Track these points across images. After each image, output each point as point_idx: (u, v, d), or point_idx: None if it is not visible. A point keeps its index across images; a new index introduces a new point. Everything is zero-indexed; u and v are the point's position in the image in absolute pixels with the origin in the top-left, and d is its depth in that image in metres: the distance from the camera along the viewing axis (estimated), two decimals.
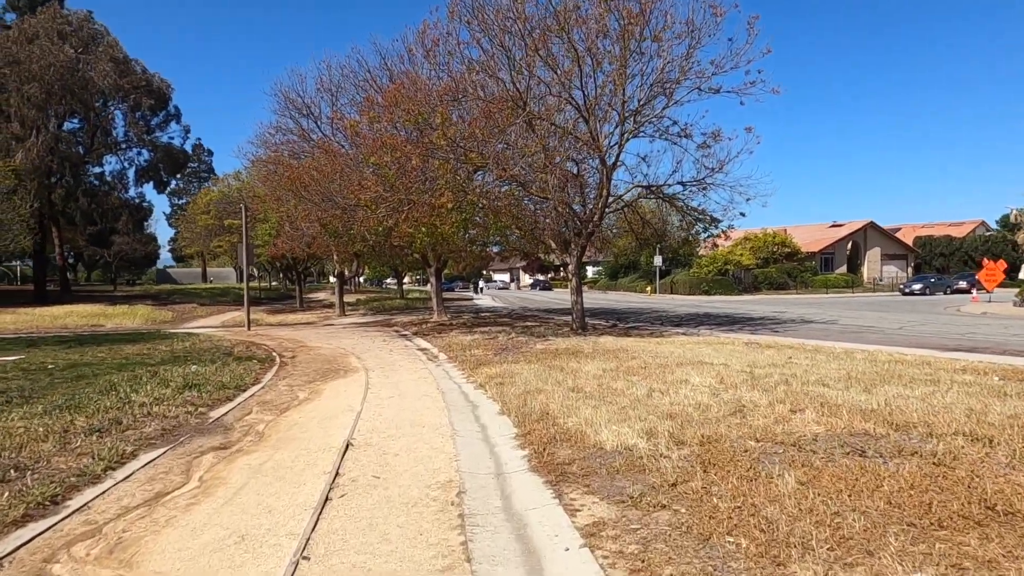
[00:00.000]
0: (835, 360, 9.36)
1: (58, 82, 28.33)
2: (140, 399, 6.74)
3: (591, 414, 5.48)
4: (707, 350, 10.93)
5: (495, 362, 9.95)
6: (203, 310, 30.62)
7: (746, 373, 7.80)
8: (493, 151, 13.27)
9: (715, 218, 17.10)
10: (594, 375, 7.93)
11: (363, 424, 5.70)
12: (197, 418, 6.08)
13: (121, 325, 23.58)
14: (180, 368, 9.60)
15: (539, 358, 10.15)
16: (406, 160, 12.47)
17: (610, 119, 15.06)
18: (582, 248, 16.42)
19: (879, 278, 51.69)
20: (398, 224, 13.96)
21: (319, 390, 7.94)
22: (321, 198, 15.30)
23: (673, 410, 5.57)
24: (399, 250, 21.77)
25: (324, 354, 12.51)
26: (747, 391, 6.49)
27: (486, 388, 7.49)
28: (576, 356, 10.29)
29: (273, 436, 5.40)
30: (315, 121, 20.18)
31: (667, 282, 46.44)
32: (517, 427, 5.37)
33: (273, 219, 21.73)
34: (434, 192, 12.61)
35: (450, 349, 12.50)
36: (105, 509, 3.57)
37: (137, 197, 33.75)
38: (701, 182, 15.92)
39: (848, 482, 3.50)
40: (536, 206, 15.82)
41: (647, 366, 8.63)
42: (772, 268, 45.47)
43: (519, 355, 10.87)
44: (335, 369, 10.02)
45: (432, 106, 12.94)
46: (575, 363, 9.21)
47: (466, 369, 9.44)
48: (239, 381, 8.41)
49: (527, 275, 78.39)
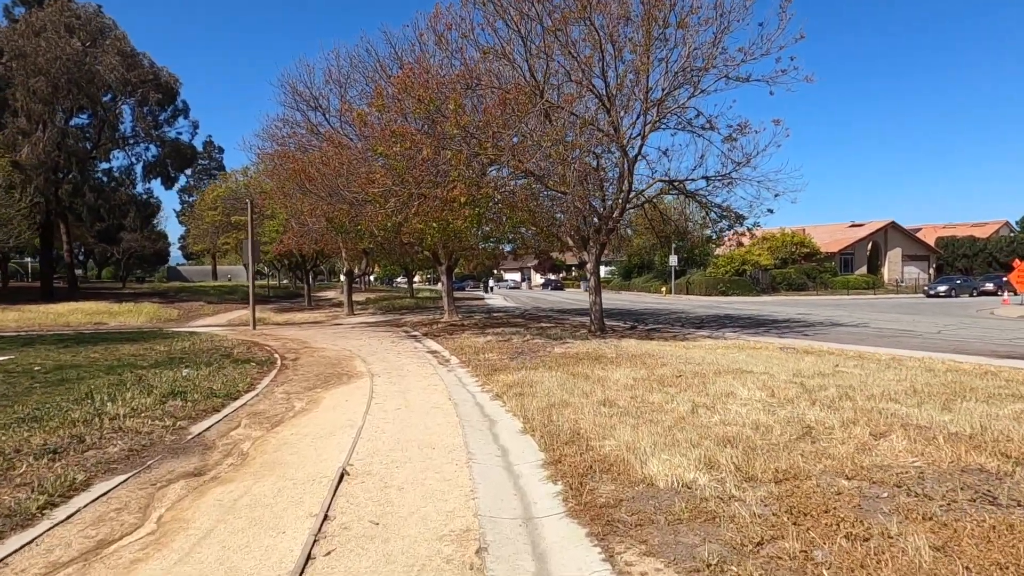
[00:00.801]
0: (888, 369, 8.44)
1: (64, 76, 27.84)
2: (115, 410, 5.98)
3: (631, 436, 4.63)
4: (741, 356, 10.03)
5: (511, 368, 9.12)
6: (210, 308, 30.07)
7: (796, 384, 6.91)
8: (509, 143, 12.43)
9: (740, 215, 16.17)
10: (625, 385, 7.06)
11: (363, 445, 4.89)
12: (174, 434, 5.30)
13: (125, 323, 23.04)
14: (171, 372, 8.86)
15: (559, 364, 9.30)
16: (416, 151, 11.66)
17: (632, 109, 14.19)
18: (601, 246, 15.55)
19: (900, 279, 50.27)
20: (408, 219, 13.17)
21: (318, 399, 7.15)
22: (327, 192, 14.54)
23: (728, 432, 4.70)
24: (409, 247, 21.00)
25: (328, 356, 11.74)
26: (807, 407, 5.61)
27: (504, 399, 6.65)
28: (600, 362, 9.43)
29: (258, 459, 4.60)
30: (323, 114, 19.42)
31: (682, 282, 45.37)
32: (544, 451, 4.53)
33: (281, 215, 21.04)
34: (446, 185, 11.80)
35: (462, 352, 11.69)
36: (24, 569, 2.78)
37: (145, 193, 33.32)
38: (727, 177, 15.01)
39: (1000, 548, 2.63)
40: (553, 201, 14.96)
41: (682, 374, 7.75)
42: (791, 269, 44.26)
43: (537, 360, 10.03)
44: (338, 374, 9.23)
45: (444, 94, 12.13)
46: (600, 370, 8.35)
47: (480, 375, 8.61)
48: (232, 388, 7.63)
49: (538, 274, 77.51)
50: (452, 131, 11.54)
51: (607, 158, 15.58)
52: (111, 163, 32.85)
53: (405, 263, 33.00)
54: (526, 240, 16.47)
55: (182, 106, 32.02)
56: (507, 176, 12.75)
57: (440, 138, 12.38)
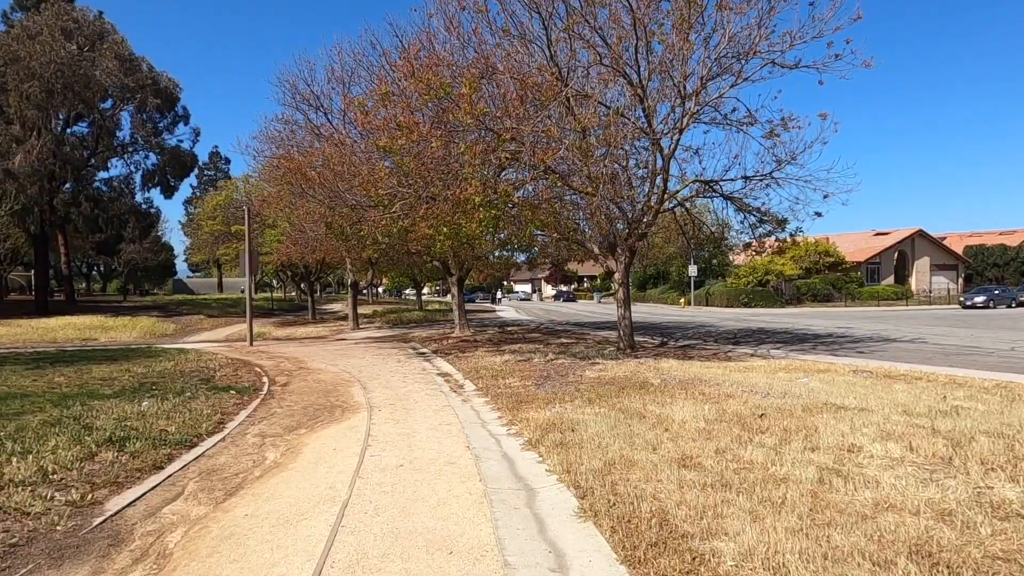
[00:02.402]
0: (1014, 401, 6.73)
1: (59, 80, 26.70)
2: (17, 470, 4.40)
3: (756, 534, 2.99)
4: (814, 383, 8.33)
5: (540, 399, 7.47)
6: (209, 322, 28.68)
7: (925, 430, 5.22)
8: (529, 135, 10.87)
9: (782, 219, 14.50)
10: (698, 430, 5.40)
11: (344, 542, 3.26)
12: (76, 517, 3.69)
13: (115, 339, 21.66)
14: (129, 404, 7.29)
15: (599, 394, 7.64)
16: (425, 145, 10.13)
17: (667, 98, 12.63)
18: (631, 253, 13.93)
19: (928, 290, 48.15)
20: (415, 224, 11.63)
21: (299, 447, 5.54)
22: (328, 195, 13.04)
23: (909, 530, 3.04)
24: (417, 257, 19.46)
25: (324, 380, 10.16)
26: (979, 472, 3.92)
27: (540, 450, 5.01)
28: (646, 391, 7.77)
29: (179, 570, 2.99)
30: (326, 115, 17.99)
31: (701, 293, 43.53)
32: (625, 563, 2.89)
33: (282, 224, 19.60)
34: (458, 184, 10.24)
35: (478, 376, 10.06)
36: None
37: (144, 203, 31.98)
38: (768, 176, 13.40)
39: None
40: (577, 206, 13.37)
41: (763, 412, 6.08)
42: (815, 279, 42.33)
43: (569, 388, 8.38)
44: (331, 406, 7.63)
45: (456, 78, 10.62)
46: (655, 404, 6.68)
47: (503, 410, 6.98)
48: (192, 429, 6.04)
49: (550, 286, 75.83)
50: (465, 120, 9.99)
51: (635, 157, 14.00)
52: (109, 172, 31.65)
53: (413, 274, 31.50)
54: (547, 247, 14.86)
55: (182, 112, 30.82)
56: (528, 176, 11.18)
57: (451, 130, 10.86)
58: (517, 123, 10.60)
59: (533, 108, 11.10)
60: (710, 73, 11.98)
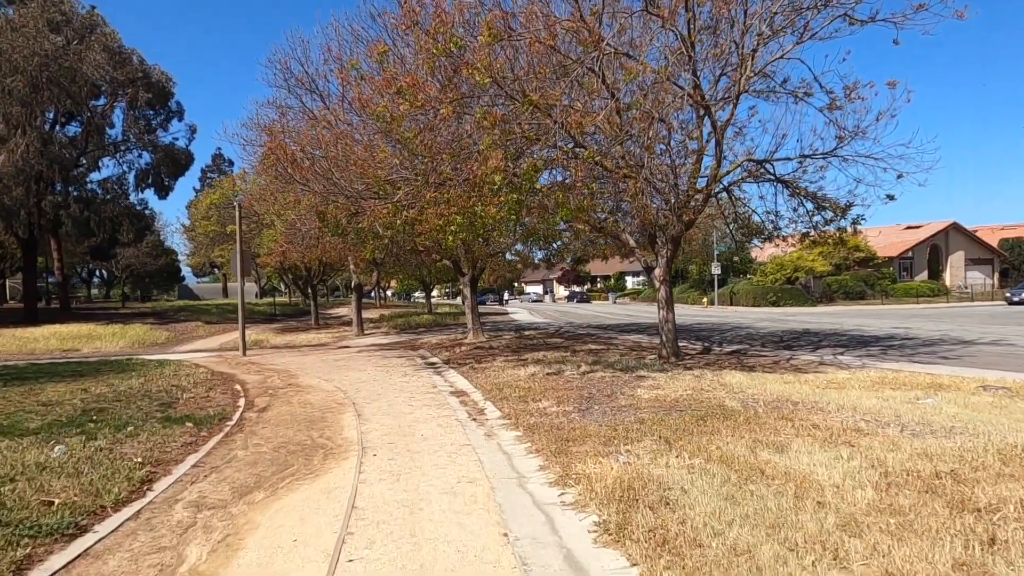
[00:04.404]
0: None
1: (44, 73, 25.07)
2: None
3: None
4: (952, 408, 6.29)
5: (593, 435, 5.49)
6: (206, 329, 26.89)
7: None
8: (561, 104, 8.86)
9: (846, 205, 12.44)
10: (867, 504, 3.39)
11: None
12: None
13: (100, 349, 19.94)
14: (36, 451, 5.38)
15: (673, 427, 5.64)
16: (432, 110, 8.19)
17: (719, 60, 10.65)
18: (674, 245, 11.93)
19: (963, 285, 45.61)
20: (422, 213, 9.69)
21: (242, 536, 3.59)
22: (320, 182, 11.14)
23: None
24: (425, 255, 17.54)
25: (312, 403, 8.23)
26: None
27: (629, 550, 3.04)
28: (734, 422, 5.76)
29: None
30: (322, 98, 16.12)
31: (725, 292, 41.31)
32: None
33: (275, 221, 17.77)
34: (474, 160, 8.30)
35: (502, 395, 8.09)
36: None
37: (139, 204, 30.29)
38: (830, 154, 11.40)
39: None
40: (612, 188, 11.35)
41: (959, 476, 4.05)
42: (846, 275, 39.97)
43: (624, 414, 6.39)
44: (311, 447, 5.68)
45: (469, 33, 8.68)
46: (764, 448, 4.67)
47: (547, 454, 5.00)
48: (95, 498, 4.11)
49: (562, 286, 73.75)
50: (483, 81, 8.02)
51: (678, 133, 12.00)
52: (101, 172, 29.97)
53: (422, 275, 29.60)
54: (571, 241, 12.86)
55: (176, 108, 29.05)
56: (558, 152, 9.19)
57: (464, 97, 8.90)
58: (545, 84, 8.65)
59: (562, 71, 9.12)
60: (773, 26, 9.96)
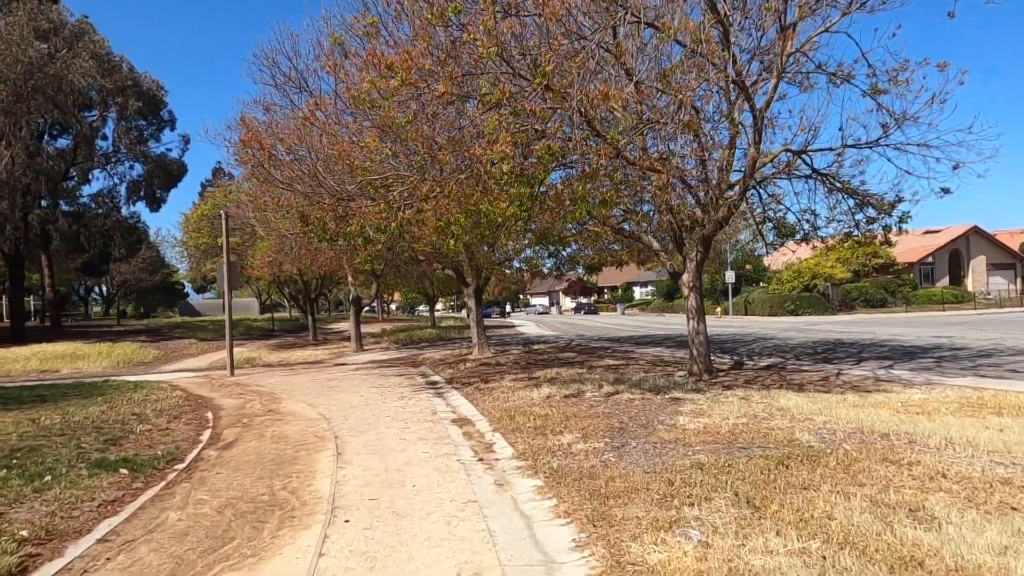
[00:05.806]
0: None
1: (28, 82, 24.06)
2: None
3: None
4: None
5: (640, 487, 4.10)
6: (198, 347, 25.57)
7: None
8: (579, 82, 7.53)
9: (893, 201, 11.05)
10: None
11: None
12: None
13: (80, 370, 18.65)
14: None
15: (749, 480, 4.23)
16: (427, 87, 6.89)
17: (757, 34, 9.35)
18: (706, 244, 10.57)
19: (986, 291, 43.93)
20: (420, 213, 8.38)
21: None
22: (306, 182, 9.87)
23: None
24: (425, 264, 16.22)
25: (288, 436, 6.86)
26: None
27: None
28: (826, 468, 4.36)
29: None
30: (312, 95, 14.88)
31: (740, 301, 39.80)
32: None
33: (261, 231, 16.53)
34: (479, 141, 6.99)
35: (513, 424, 6.70)
36: None
37: (131, 217, 29.14)
38: (876, 143, 10.07)
39: None
40: (636, 181, 10.00)
41: None
42: (866, 282, 38.41)
43: (672, 453, 4.99)
44: (268, 506, 4.30)
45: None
46: (897, 517, 3.29)
47: (582, 522, 3.60)
48: None
49: (568, 298, 72.28)
50: (488, 52, 6.71)
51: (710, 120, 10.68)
52: (91, 184, 28.88)
53: (423, 287, 28.27)
54: (594, 242, 11.48)
55: (168, 117, 28.03)
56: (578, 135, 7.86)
57: (464, 73, 7.60)
58: (559, 58, 7.34)
59: (577, 41, 7.82)
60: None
